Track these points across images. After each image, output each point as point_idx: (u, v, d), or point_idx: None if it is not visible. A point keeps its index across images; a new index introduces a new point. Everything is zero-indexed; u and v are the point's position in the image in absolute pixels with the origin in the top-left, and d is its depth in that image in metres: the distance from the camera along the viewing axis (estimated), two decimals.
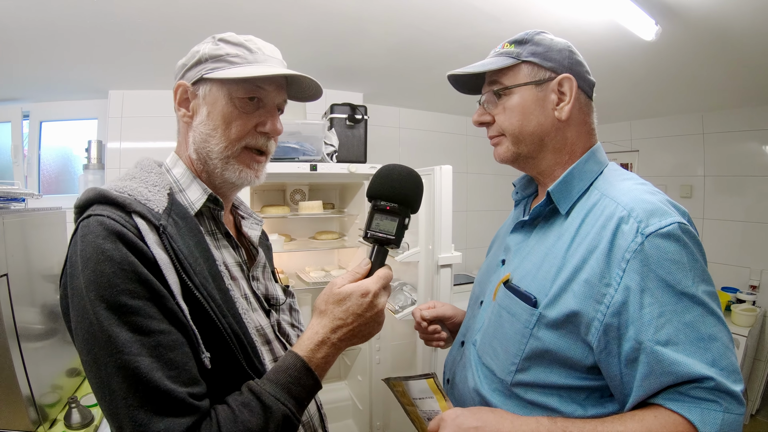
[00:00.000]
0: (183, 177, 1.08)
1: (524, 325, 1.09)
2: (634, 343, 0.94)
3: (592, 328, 0.99)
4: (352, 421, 3.59)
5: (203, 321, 0.89)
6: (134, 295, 0.80)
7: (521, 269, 1.18)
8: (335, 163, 2.98)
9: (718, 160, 4.09)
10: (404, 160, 4.11)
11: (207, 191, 1.08)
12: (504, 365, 1.14)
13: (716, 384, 0.89)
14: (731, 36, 2.50)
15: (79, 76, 3.01)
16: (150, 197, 0.94)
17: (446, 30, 2.63)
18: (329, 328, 0.98)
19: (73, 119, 3.56)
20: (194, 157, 1.08)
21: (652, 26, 2.34)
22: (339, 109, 3.11)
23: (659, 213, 0.97)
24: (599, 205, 1.08)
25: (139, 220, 0.87)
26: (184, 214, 0.99)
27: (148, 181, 0.99)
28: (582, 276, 1.01)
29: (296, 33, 2.64)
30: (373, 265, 1.07)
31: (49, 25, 2.29)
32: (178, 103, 1.09)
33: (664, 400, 0.93)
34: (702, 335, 0.92)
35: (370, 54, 3.01)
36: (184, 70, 1.08)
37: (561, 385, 1.06)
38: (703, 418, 0.89)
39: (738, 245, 3.98)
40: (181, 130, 1.12)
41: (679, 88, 3.54)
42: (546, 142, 1.19)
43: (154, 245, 0.86)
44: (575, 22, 2.47)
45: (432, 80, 3.52)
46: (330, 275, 3.28)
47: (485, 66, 1.20)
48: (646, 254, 0.94)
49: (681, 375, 0.90)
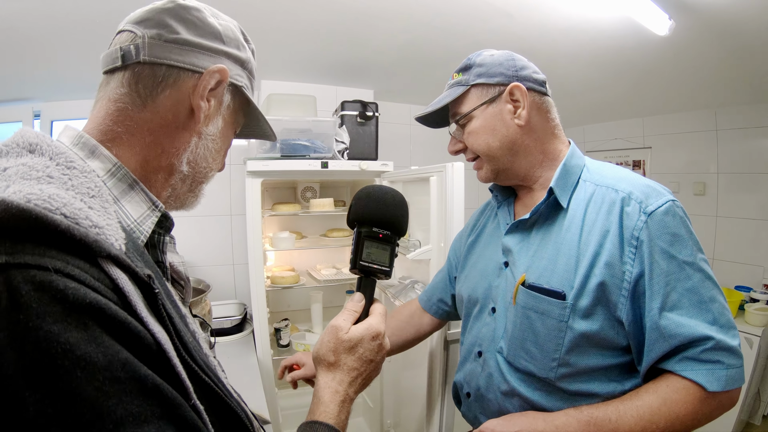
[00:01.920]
0: (112, 177, 0.69)
1: (558, 320, 1.13)
2: (646, 310, 1.05)
3: (619, 304, 1.08)
4: (362, 419, 3.59)
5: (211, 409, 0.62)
6: (142, 419, 0.48)
7: (536, 267, 1.20)
8: (346, 160, 2.98)
9: (732, 157, 4.03)
10: (415, 158, 4.12)
11: (158, 205, 0.74)
12: (544, 364, 1.16)
13: (716, 343, 1.01)
14: (745, 31, 2.47)
15: (90, 75, 2.94)
16: (98, 221, 0.55)
17: (457, 26, 2.61)
18: (347, 382, 0.86)
19: (84, 118, 3.48)
20: (181, 168, 0.78)
21: (666, 21, 2.32)
22: (350, 106, 3.11)
23: (655, 193, 1.10)
24: (597, 194, 1.17)
25: (117, 272, 0.52)
26: (138, 246, 0.66)
27: (77, 188, 0.58)
28: (602, 260, 1.09)
29: (306, 30, 2.64)
30: (366, 300, 0.97)
31: (59, 24, 2.30)
32: (208, 92, 0.77)
33: (673, 367, 1.05)
34: (703, 298, 1.04)
35: (381, 50, 3.00)
36: (222, 48, 0.80)
37: (599, 366, 1.13)
38: (709, 378, 1.01)
39: (751, 243, 3.92)
40: (165, 114, 0.75)
41: (692, 84, 3.49)
42: (516, 150, 1.26)
43: (148, 317, 0.54)
44: (586, 17, 2.45)
45: (443, 77, 3.40)
46: (341, 273, 3.28)
47: (442, 101, 1.30)
48: (651, 230, 1.06)
49: (686, 336, 1.02)
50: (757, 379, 3.63)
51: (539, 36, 2.67)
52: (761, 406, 3.81)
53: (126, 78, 0.73)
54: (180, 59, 0.74)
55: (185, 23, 0.76)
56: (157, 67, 0.73)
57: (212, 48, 0.78)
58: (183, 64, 0.74)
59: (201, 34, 0.77)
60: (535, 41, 2.69)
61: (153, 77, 0.73)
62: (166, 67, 0.74)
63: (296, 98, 3.06)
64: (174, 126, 0.76)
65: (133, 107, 0.73)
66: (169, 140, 0.76)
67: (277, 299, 3.62)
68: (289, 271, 3.27)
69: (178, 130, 0.76)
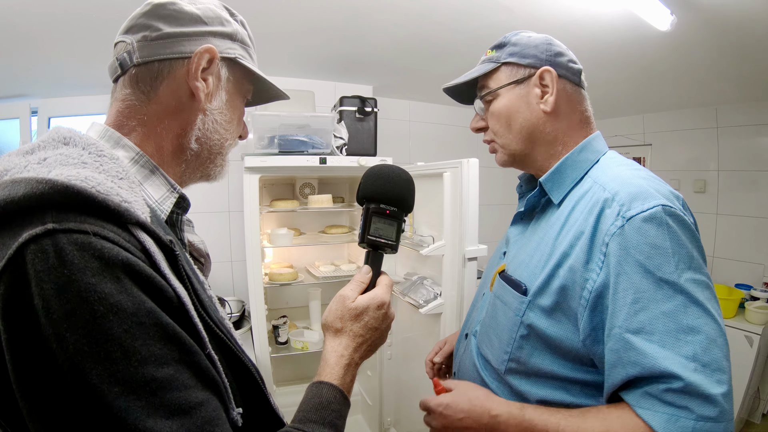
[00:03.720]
0: (136, 164, 0.79)
1: (515, 313, 1.11)
2: (607, 329, 0.93)
3: (578, 314, 0.99)
4: (361, 417, 3.57)
5: (226, 362, 0.72)
6: (163, 361, 0.57)
7: (517, 259, 1.21)
8: (345, 156, 2.97)
9: (732, 154, 4.03)
10: (414, 154, 4.11)
11: (176, 187, 0.84)
12: (498, 354, 1.16)
13: (685, 385, 0.82)
14: (747, 28, 2.45)
15: (88, 71, 2.98)
16: (128, 197, 0.64)
17: (457, 21, 2.59)
18: (352, 347, 0.93)
19: (82, 115, 3.53)
20: (192, 146, 0.86)
21: (667, 16, 2.30)
22: (348, 102, 3.10)
23: (643, 196, 0.95)
24: (590, 192, 1.07)
25: (144, 236, 0.62)
26: (161, 221, 0.76)
27: (108, 171, 0.67)
28: (567, 263, 1.01)
29: (304, 25, 2.62)
30: (374, 272, 1.04)
31: (57, 20, 2.28)
32: (200, 69, 0.82)
33: (631, 400, 0.90)
34: (681, 326, 0.86)
35: (380, 46, 2.98)
36: (205, 29, 0.84)
37: (554, 374, 1.05)
38: (667, 426, 0.83)
39: (752, 241, 3.92)
40: (169, 102, 0.83)
41: (693, 81, 3.48)
42: (536, 137, 1.20)
43: (171, 275, 0.63)
44: (588, 12, 2.43)
45: (443, 73, 3.43)
46: (340, 269, 3.28)
47: (471, 74, 1.25)
48: (626, 237, 0.92)
49: (647, 367, 0.86)
50: (757, 377, 3.63)
51: (539, 31, 2.62)
52: (761, 404, 3.82)
53: (127, 81, 0.83)
54: (167, 51, 0.82)
55: (164, 19, 0.82)
56: (150, 64, 0.81)
57: (195, 32, 0.83)
58: (171, 54, 0.82)
59: (181, 23, 0.83)
60: None
61: (149, 74, 0.82)
62: (157, 62, 0.81)
63: (294, 94, 3.04)
64: (179, 110, 0.84)
65: (139, 103, 0.82)
66: (177, 123, 0.85)
67: (276, 296, 3.60)
68: (288, 267, 3.26)
69: (183, 112, 0.85)
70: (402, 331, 3.01)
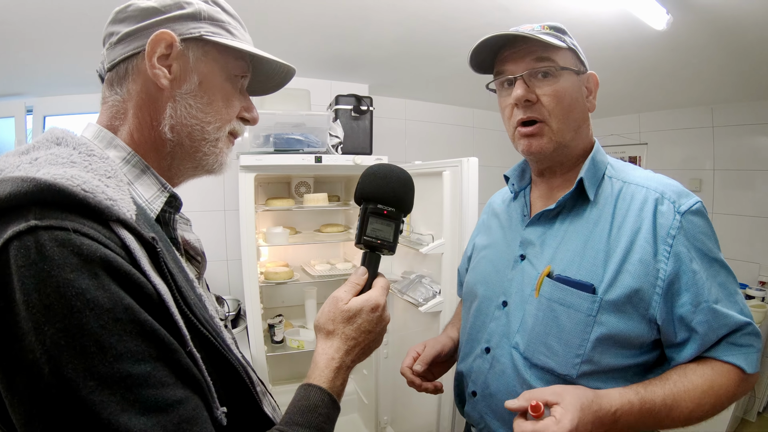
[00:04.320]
0: (128, 164, 0.81)
1: (586, 314, 1.10)
2: (691, 306, 1.06)
3: (653, 302, 1.07)
4: (357, 416, 3.58)
5: (210, 361, 0.71)
6: (138, 358, 0.57)
7: (561, 260, 1.18)
8: (340, 155, 2.96)
9: (728, 153, 4.04)
10: (410, 152, 4.11)
11: (165, 186, 0.85)
12: (566, 360, 1.13)
13: (752, 328, 1.09)
14: (743, 27, 2.46)
15: (83, 70, 2.94)
16: (113, 195, 0.65)
17: (453, 20, 2.59)
18: (343, 350, 0.91)
19: (77, 113, 3.50)
20: (167, 136, 0.84)
21: (663, 15, 2.31)
22: (344, 101, 3.09)
23: (685, 193, 1.12)
24: (625, 191, 1.17)
25: (125, 233, 0.63)
26: (150, 219, 0.77)
27: (96, 170, 0.68)
28: (635, 256, 1.08)
29: (300, 23, 2.61)
30: (370, 274, 1.01)
31: (51, 18, 2.27)
32: (156, 58, 0.81)
33: (716, 354, 1.08)
34: (731, 291, 1.10)
35: (375, 44, 2.98)
36: (163, 17, 0.83)
37: (620, 366, 1.12)
38: (747, 361, 1.07)
39: (747, 240, 3.94)
40: (139, 96, 0.84)
41: (689, 80, 3.49)
42: (580, 131, 1.25)
43: (151, 272, 0.63)
44: (584, 11, 2.43)
45: (439, 71, 3.49)
46: (336, 268, 3.28)
47: (534, 34, 1.14)
48: (686, 229, 1.07)
49: (732, 324, 1.07)
50: None
51: None
52: (756, 402, 3.83)
53: (106, 86, 0.86)
54: (127, 49, 0.83)
55: (122, 22, 0.84)
56: (118, 66, 0.84)
57: (151, 24, 0.83)
58: (131, 51, 0.83)
59: (137, 20, 0.83)
60: None
61: (118, 75, 0.84)
62: (121, 62, 0.84)
63: (290, 92, 3.03)
64: (149, 102, 0.84)
65: (118, 102, 0.84)
66: (149, 116, 0.84)
67: (271, 295, 3.59)
68: (283, 266, 3.25)
69: (152, 103, 0.84)
70: (398, 330, 3.01)
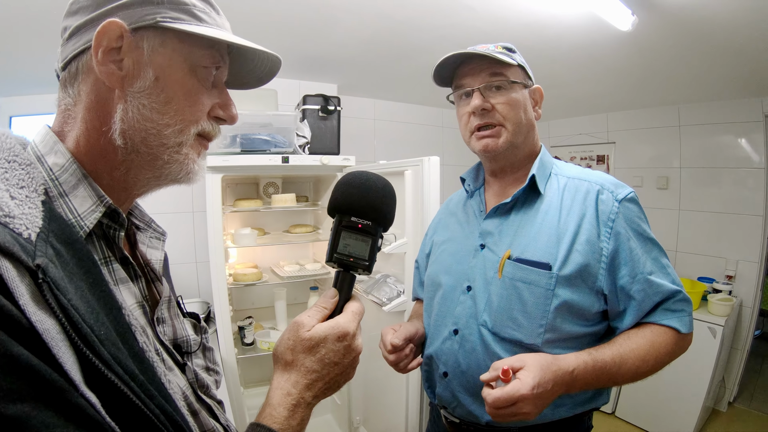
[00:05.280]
0: (65, 173, 0.71)
1: (545, 288, 1.27)
2: (629, 278, 1.26)
3: (599, 275, 1.27)
4: (331, 416, 3.58)
5: (121, 408, 0.58)
6: (15, 398, 0.47)
7: (518, 244, 1.35)
8: (307, 155, 2.94)
9: (695, 152, 4.12)
10: (379, 152, 4.09)
11: (104, 199, 0.73)
12: (531, 330, 1.28)
13: (683, 295, 1.30)
14: (707, 27, 2.49)
15: (48, 69, 2.83)
16: (13, 210, 0.58)
17: (420, 20, 2.58)
18: (302, 384, 0.78)
19: (44, 114, 3.37)
20: (118, 143, 0.73)
21: (629, 16, 2.33)
22: (311, 101, 3.07)
23: (621, 185, 1.35)
24: (570, 185, 1.38)
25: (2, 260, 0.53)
26: (70, 237, 0.64)
27: (8, 179, 0.62)
28: (582, 237, 1.28)
29: (268, 22, 2.57)
30: (340, 296, 0.89)
31: (16, 15, 2.20)
32: (103, 52, 0.69)
33: (654, 318, 1.28)
34: (663, 264, 1.32)
35: (343, 44, 2.95)
36: (112, 5, 0.71)
37: (576, 334, 1.30)
38: (681, 323, 1.27)
39: (714, 236, 4.03)
40: (87, 96, 0.74)
41: (656, 80, 3.54)
42: (528, 136, 1.44)
43: (31, 304, 0.53)
44: (550, 12, 2.45)
45: (407, 71, 3.48)
46: (305, 269, 3.24)
47: (492, 53, 1.34)
48: (623, 214, 1.29)
49: (665, 292, 1.28)
50: (721, 367, 3.75)
51: (502, 31, 2.65)
52: (726, 393, 3.95)
53: (60, 87, 0.76)
54: (77, 45, 0.73)
55: (73, 15, 0.74)
56: (69, 65, 0.74)
57: (102, 14, 0.71)
58: (81, 47, 0.72)
59: (86, 12, 0.73)
60: (498, 36, 2.66)
61: (69, 74, 0.74)
62: (72, 60, 0.73)
63: (257, 92, 2.97)
64: (98, 104, 0.73)
65: (69, 105, 0.75)
66: (98, 119, 0.73)
67: (241, 297, 3.55)
68: (252, 268, 3.21)
69: (102, 105, 0.73)
70: (367, 330, 2.97)
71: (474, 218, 1.53)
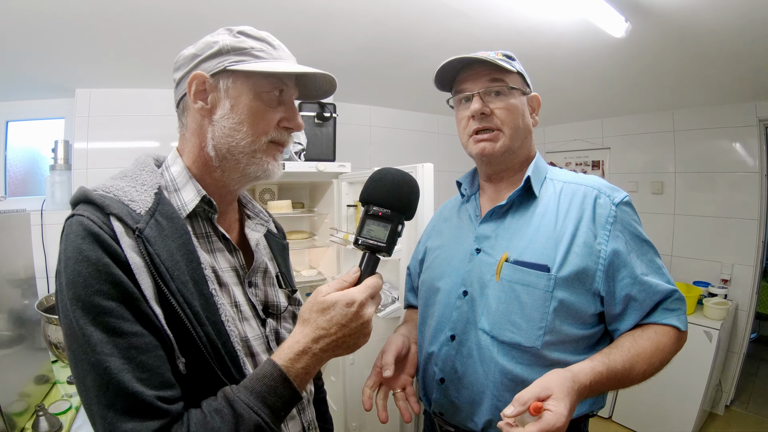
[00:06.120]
0: (179, 176, 1.06)
1: (544, 290, 1.27)
2: (629, 279, 1.28)
3: (596, 277, 1.28)
4: None
5: (179, 327, 0.87)
6: (107, 296, 0.81)
7: (516, 247, 1.35)
8: (303, 161, 2.95)
9: (689, 157, 4.14)
10: (375, 159, 4.07)
11: (201, 193, 1.04)
12: (530, 332, 1.27)
13: (679, 294, 1.32)
14: (701, 33, 2.51)
15: (45, 74, 2.90)
16: (135, 197, 0.94)
17: (415, 27, 2.59)
18: (311, 337, 0.95)
19: (39, 118, 3.43)
20: (212, 154, 1.05)
21: (622, 23, 2.34)
22: (307, 107, 3.08)
23: (616, 189, 1.37)
24: (566, 189, 1.40)
25: (116, 222, 0.87)
26: (171, 215, 0.97)
27: (137, 180, 0.98)
28: (579, 240, 1.29)
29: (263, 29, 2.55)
30: (363, 274, 1.04)
31: (12, 21, 2.20)
32: (193, 95, 1.02)
33: (655, 318, 1.30)
34: (658, 265, 1.35)
35: (339, 51, 2.96)
36: (198, 60, 1.03)
37: (574, 336, 1.29)
38: (680, 321, 1.29)
39: (709, 240, 4.04)
40: (191, 125, 1.07)
41: (650, 86, 3.56)
42: (525, 141, 1.46)
43: (129, 249, 0.86)
44: (544, 19, 2.46)
45: (402, 78, 3.50)
46: (301, 275, 3.25)
47: (493, 60, 1.36)
48: (620, 217, 1.31)
49: (664, 292, 1.29)
50: (718, 370, 3.76)
51: (497, 38, 2.66)
52: (723, 396, 3.96)
53: (178, 119, 1.12)
54: (180, 91, 1.07)
55: (178, 69, 1.08)
56: (178, 104, 1.10)
57: (190, 69, 1.04)
58: (182, 92, 1.06)
59: (183, 68, 1.05)
60: (493, 43, 2.68)
61: (180, 110, 1.10)
62: (179, 101, 1.09)
63: None
64: (197, 129, 1.06)
65: (183, 131, 1.11)
66: (198, 140, 1.06)
67: None
68: None
69: (199, 130, 1.05)
70: None
71: (469, 223, 1.53)
